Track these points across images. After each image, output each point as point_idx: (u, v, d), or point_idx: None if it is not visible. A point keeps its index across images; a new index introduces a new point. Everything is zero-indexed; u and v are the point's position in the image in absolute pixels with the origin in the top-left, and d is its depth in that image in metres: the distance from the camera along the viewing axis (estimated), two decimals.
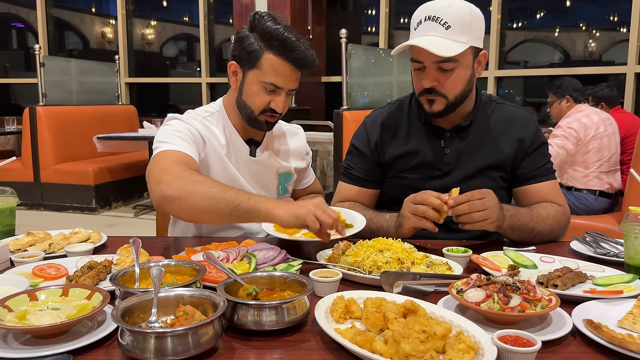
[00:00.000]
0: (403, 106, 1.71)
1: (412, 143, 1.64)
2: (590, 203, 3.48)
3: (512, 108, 1.66)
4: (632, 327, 0.93)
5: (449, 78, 1.48)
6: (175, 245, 1.56)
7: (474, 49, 1.49)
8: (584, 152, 3.45)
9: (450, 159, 1.61)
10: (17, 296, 0.98)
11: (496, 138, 1.61)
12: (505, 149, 1.60)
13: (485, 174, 1.60)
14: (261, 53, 1.55)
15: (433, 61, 1.45)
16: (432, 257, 1.29)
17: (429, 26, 1.44)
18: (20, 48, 9.30)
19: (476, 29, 1.47)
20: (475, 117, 1.62)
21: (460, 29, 1.42)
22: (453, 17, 1.42)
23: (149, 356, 0.82)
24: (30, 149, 5.70)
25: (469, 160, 1.60)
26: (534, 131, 1.62)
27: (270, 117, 1.63)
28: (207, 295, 0.94)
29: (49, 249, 1.43)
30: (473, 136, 1.61)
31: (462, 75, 1.49)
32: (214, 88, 7.50)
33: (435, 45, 1.41)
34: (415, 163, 1.64)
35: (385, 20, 6.60)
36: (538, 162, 1.60)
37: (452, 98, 1.51)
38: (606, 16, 6.34)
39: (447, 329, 0.85)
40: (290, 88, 1.60)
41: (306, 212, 1.24)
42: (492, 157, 1.60)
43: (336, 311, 0.97)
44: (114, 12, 7.87)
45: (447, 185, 1.52)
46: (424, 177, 1.63)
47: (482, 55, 1.53)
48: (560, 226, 1.55)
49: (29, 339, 0.91)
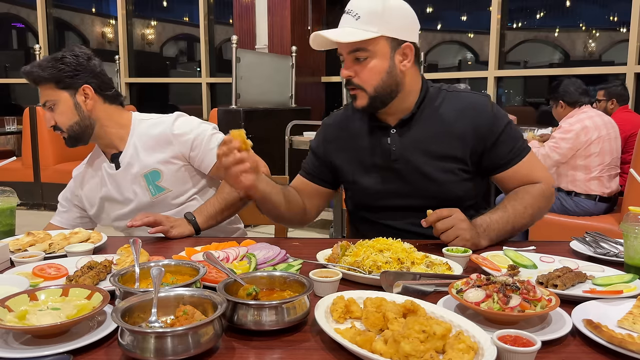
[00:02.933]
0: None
1: (360, 144, 1.63)
2: (589, 209, 3.47)
3: (465, 95, 1.60)
4: (631, 327, 0.93)
5: (364, 68, 1.47)
6: (175, 245, 1.56)
7: (392, 40, 1.47)
8: (586, 155, 3.41)
9: (397, 156, 1.57)
10: (17, 296, 0.98)
11: (448, 129, 1.55)
12: (460, 140, 1.54)
13: (438, 167, 1.55)
14: None
15: (347, 51, 1.48)
16: (432, 257, 1.29)
17: (344, 19, 1.49)
18: (20, 48, 9.30)
19: (392, 19, 1.46)
20: (420, 109, 1.57)
21: (369, 18, 1.44)
22: (363, 8, 1.45)
23: (149, 356, 0.82)
24: (30, 149, 5.71)
25: (417, 156, 1.55)
26: (490, 118, 1.55)
27: (59, 134, 1.81)
28: (207, 295, 0.94)
29: (49, 249, 1.43)
30: (420, 130, 1.57)
31: (378, 66, 1.47)
32: (214, 88, 7.51)
33: (338, 33, 1.45)
34: (365, 167, 1.62)
35: None
36: (506, 147, 1.55)
37: (370, 90, 1.49)
38: (606, 16, 6.34)
39: (447, 328, 0.85)
40: (42, 103, 1.78)
41: None
42: (445, 149, 1.54)
43: (336, 311, 0.97)
44: (114, 12, 7.87)
45: (402, 190, 1.57)
46: (377, 180, 1.60)
47: (406, 47, 1.49)
48: (541, 210, 1.56)
49: (28, 339, 0.91)
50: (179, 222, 1.66)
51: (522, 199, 1.53)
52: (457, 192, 1.56)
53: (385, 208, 1.63)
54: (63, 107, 1.76)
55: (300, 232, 4.89)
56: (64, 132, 1.78)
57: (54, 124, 1.77)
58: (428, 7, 7.21)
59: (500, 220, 1.48)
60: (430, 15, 7.30)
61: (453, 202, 1.48)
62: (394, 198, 1.60)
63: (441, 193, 1.55)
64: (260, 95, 5.34)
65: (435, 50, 7.38)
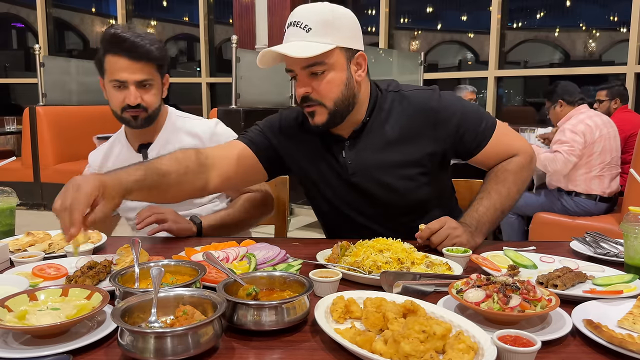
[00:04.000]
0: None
1: (315, 156, 1.55)
2: (589, 209, 3.47)
3: (412, 95, 1.52)
4: (632, 327, 0.93)
5: (321, 83, 1.39)
6: (175, 245, 1.56)
7: (346, 50, 1.40)
8: (589, 154, 3.41)
9: (354, 169, 1.51)
10: (17, 296, 0.98)
11: (402, 134, 1.49)
12: (415, 144, 1.48)
13: (397, 175, 1.49)
14: (103, 59, 1.71)
15: (301, 67, 1.39)
16: (432, 257, 1.29)
17: (291, 32, 1.39)
18: (20, 48, 9.31)
19: (343, 28, 1.39)
20: (371, 118, 1.51)
21: (321, 30, 1.36)
22: (313, 18, 1.36)
23: (148, 356, 0.82)
24: (30, 149, 5.70)
25: (374, 167, 1.50)
26: (443, 114, 1.48)
27: (134, 112, 1.72)
28: (206, 295, 0.94)
29: (48, 249, 1.43)
30: (373, 139, 1.50)
31: (337, 78, 1.40)
32: (214, 88, 7.51)
33: (293, 49, 1.35)
34: (325, 186, 1.56)
35: (385, 20, 6.61)
36: (470, 136, 1.50)
37: (330, 105, 1.41)
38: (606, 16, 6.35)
39: (446, 329, 0.85)
40: (136, 79, 1.68)
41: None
42: (401, 156, 1.49)
43: (336, 311, 0.97)
44: (114, 12, 7.88)
45: (361, 202, 1.52)
46: (341, 199, 1.55)
47: (359, 56, 1.43)
48: (525, 181, 1.54)
49: (28, 339, 0.91)
50: (183, 220, 1.65)
51: (504, 180, 1.51)
52: (419, 197, 1.53)
53: (347, 219, 1.59)
54: (156, 89, 1.74)
55: (300, 232, 4.90)
56: (147, 112, 1.73)
57: (140, 102, 1.70)
58: (428, 7, 7.22)
59: (488, 212, 1.47)
60: (430, 15, 7.31)
61: (416, 208, 1.47)
62: (354, 211, 1.56)
63: (403, 201, 1.52)
64: (260, 95, 5.34)
65: (435, 50, 7.39)
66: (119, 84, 1.69)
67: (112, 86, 1.71)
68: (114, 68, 1.68)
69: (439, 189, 1.60)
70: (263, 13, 6.38)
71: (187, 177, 1.44)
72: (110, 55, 1.68)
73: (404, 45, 7.26)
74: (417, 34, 7.27)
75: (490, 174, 1.56)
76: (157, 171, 1.38)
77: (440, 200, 1.60)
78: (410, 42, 7.29)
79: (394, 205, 1.53)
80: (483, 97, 6.13)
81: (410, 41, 7.28)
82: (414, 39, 7.27)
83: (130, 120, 1.74)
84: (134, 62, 1.67)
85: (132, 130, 1.83)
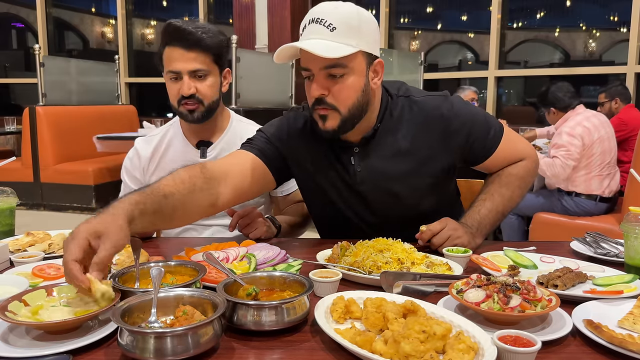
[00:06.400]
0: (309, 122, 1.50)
1: (323, 167, 1.51)
2: (589, 209, 3.47)
3: (422, 101, 1.48)
4: (632, 327, 0.93)
5: (339, 86, 1.33)
6: (175, 245, 1.56)
7: (367, 55, 1.35)
8: (589, 155, 3.41)
9: (363, 177, 1.48)
10: (35, 291, 1.00)
11: (414, 143, 1.46)
12: (427, 154, 1.46)
13: (407, 185, 1.47)
14: (161, 53, 1.70)
15: (321, 67, 1.32)
16: (432, 257, 1.29)
17: (313, 29, 1.32)
18: (20, 48, 9.30)
19: (367, 33, 1.34)
20: (382, 124, 1.47)
21: (347, 31, 1.30)
22: (339, 18, 1.30)
23: (148, 356, 0.82)
24: (30, 149, 5.70)
25: (384, 177, 1.47)
26: (454, 122, 1.46)
27: (189, 105, 1.69)
28: (206, 296, 0.94)
29: (48, 249, 1.43)
30: (384, 148, 1.47)
31: (355, 83, 1.34)
32: None
33: (319, 48, 1.27)
34: (331, 192, 1.52)
35: (385, 20, 6.60)
36: (480, 144, 1.49)
37: (344, 111, 1.35)
38: (606, 16, 6.35)
39: (447, 329, 0.85)
40: (189, 69, 1.66)
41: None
42: (412, 165, 1.47)
43: (336, 311, 0.97)
44: (113, 12, 7.87)
45: (367, 211, 1.51)
46: (346, 205, 1.52)
47: (377, 64, 1.38)
48: (528, 185, 1.55)
49: (29, 339, 0.91)
50: (265, 223, 1.60)
51: (508, 183, 1.51)
52: (425, 207, 1.51)
53: (347, 224, 1.57)
54: (212, 80, 1.71)
55: None
56: (203, 104, 1.70)
57: (195, 93, 1.67)
58: (428, 7, 7.22)
59: (490, 214, 1.47)
60: (430, 15, 7.30)
61: (422, 219, 1.44)
62: (357, 218, 1.54)
63: (409, 211, 1.50)
64: (260, 95, 5.34)
65: (435, 50, 7.39)
66: (175, 75, 1.68)
67: (168, 78, 1.70)
68: (169, 59, 1.67)
69: (446, 198, 1.59)
70: (263, 13, 6.38)
71: (194, 195, 1.30)
72: (166, 48, 1.68)
73: (404, 45, 7.26)
74: (417, 34, 7.27)
75: (494, 175, 1.56)
76: (158, 192, 1.21)
77: (445, 210, 1.54)
78: (410, 42, 7.29)
79: (399, 215, 1.51)
80: (483, 97, 6.12)
81: (410, 41, 7.28)
82: (414, 39, 7.27)
83: (187, 115, 1.71)
84: (186, 52, 1.64)
85: (190, 126, 1.78)
